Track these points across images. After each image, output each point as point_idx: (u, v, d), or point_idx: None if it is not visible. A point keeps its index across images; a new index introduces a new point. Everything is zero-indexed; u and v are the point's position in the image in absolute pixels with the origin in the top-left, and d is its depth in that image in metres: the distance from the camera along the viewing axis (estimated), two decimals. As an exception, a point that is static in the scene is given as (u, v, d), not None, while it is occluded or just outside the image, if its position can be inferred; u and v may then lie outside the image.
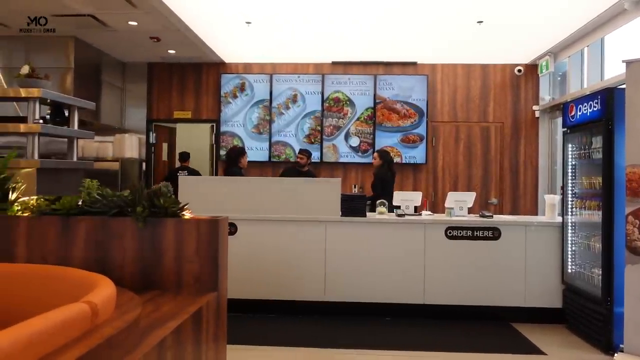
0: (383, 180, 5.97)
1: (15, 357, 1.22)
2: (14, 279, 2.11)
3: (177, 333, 1.82)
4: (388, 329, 4.34)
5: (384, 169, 6.07)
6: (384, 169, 6.07)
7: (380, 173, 6.06)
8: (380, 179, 6.01)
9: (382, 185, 5.91)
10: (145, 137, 8.19)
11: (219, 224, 2.37)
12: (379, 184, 5.96)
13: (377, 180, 6.06)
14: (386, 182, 5.96)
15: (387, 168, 6.09)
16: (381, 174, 6.04)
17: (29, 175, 3.95)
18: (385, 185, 5.87)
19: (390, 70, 8.04)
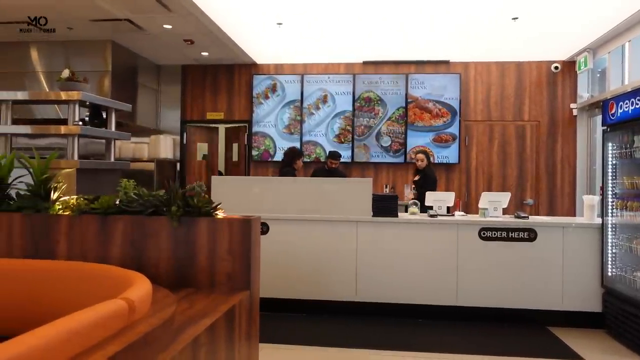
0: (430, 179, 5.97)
1: (57, 350, 1.26)
2: (56, 275, 2.18)
3: (210, 331, 1.85)
4: (420, 330, 4.30)
5: (431, 168, 6.12)
6: (430, 168, 6.11)
7: (431, 172, 6.06)
8: (433, 179, 6.01)
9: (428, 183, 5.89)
10: (180, 137, 8.36)
11: (251, 224, 2.39)
12: (433, 183, 5.95)
13: (430, 180, 5.99)
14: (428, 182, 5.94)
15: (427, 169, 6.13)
16: (432, 173, 6.05)
17: (69, 175, 4.08)
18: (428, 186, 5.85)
19: (422, 69, 7.95)
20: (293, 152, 6.23)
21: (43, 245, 2.45)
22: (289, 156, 6.15)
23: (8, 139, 4.42)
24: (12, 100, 4.48)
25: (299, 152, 6.28)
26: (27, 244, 2.46)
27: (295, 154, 6.15)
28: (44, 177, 2.53)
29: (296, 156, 6.12)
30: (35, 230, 2.46)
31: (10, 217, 2.47)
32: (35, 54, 7.13)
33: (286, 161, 6.13)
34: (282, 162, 6.31)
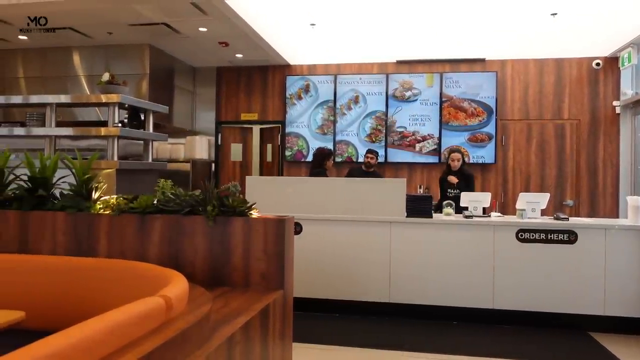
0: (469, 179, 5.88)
1: (99, 345, 1.30)
2: (97, 272, 2.25)
3: (245, 329, 1.87)
4: (455, 333, 4.23)
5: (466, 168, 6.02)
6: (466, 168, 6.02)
7: (469, 172, 5.96)
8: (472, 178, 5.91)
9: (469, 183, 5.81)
10: (215, 138, 8.49)
11: (285, 224, 2.41)
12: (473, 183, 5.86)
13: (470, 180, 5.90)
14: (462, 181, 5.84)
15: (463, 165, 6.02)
16: (469, 172, 5.95)
17: (109, 175, 4.21)
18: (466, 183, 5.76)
19: (457, 68, 7.83)
20: (322, 153, 6.16)
21: (85, 243, 2.53)
22: (319, 157, 6.09)
23: (52, 141, 4.59)
24: (56, 103, 4.66)
25: (328, 153, 6.18)
26: (70, 241, 2.55)
27: (324, 155, 6.08)
28: (85, 178, 2.61)
29: (326, 157, 6.04)
30: (78, 229, 2.54)
31: (54, 216, 2.57)
32: (77, 58, 7.38)
33: (316, 162, 6.07)
34: (312, 163, 6.26)
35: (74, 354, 1.21)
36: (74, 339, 1.24)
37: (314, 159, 6.23)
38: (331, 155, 6.12)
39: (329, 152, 6.15)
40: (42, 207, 2.63)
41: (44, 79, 7.50)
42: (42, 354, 1.13)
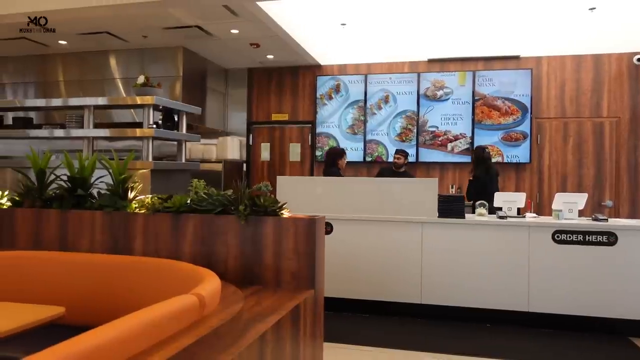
0: (477, 182, 5.77)
1: (135, 341, 1.33)
2: (133, 270, 2.31)
3: (276, 328, 1.88)
4: (489, 335, 4.15)
5: (481, 168, 5.86)
6: (481, 169, 5.86)
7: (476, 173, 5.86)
8: (475, 180, 5.82)
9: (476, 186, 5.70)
10: (246, 139, 8.59)
11: (316, 223, 2.41)
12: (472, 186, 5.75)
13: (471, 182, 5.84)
14: (482, 182, 5.73)
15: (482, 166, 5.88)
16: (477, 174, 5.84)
17: (144, 175, 4.31)
18: (483, 185, 5.64)
19: (490, 66, 7.68)
20: (334, 152, 6.08)
21: (121, 241, 2.60)
22: (331, 157, 5.99)
23: (90, 142, 4.73)
24: (94, 105, 4.80)
25: (340, 151, 6.07)
26: (107, 239, 2.62)
27: (336, 154, 5.99)
28: (122, 178, 2.68)
29: (338, 156, 5.95)
30: (114, 227, 2.61)
31: (92, 215, 2.65)
32: (114, 61, 7.58)
33: (329, 162, 5.99)
34: (325, 163, 6.18)
35: (112, 349, 1.25)
36: (111, 334, 1.27)
37: (326, 159, 6.16)
38: (344, 154, 5.99)
39: (342, 151, 6.06)
40: (80, 206, 2.71)
41: (82, 82, 7.73)
42: (81, 348, 1.16)
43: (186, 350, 1.39)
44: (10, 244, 2.76)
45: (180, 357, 1.35)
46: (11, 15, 5.47)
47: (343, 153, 5.99)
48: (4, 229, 2.78)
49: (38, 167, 2.79)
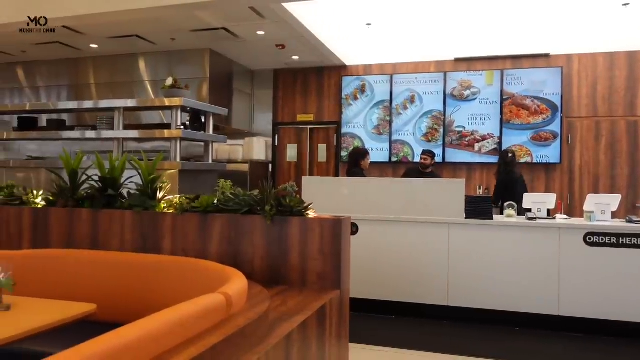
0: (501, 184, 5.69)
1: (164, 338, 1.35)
2: (162, 268, 2.35)
3: (302, 328, 1.89)
4: (518, 339, 4.07)
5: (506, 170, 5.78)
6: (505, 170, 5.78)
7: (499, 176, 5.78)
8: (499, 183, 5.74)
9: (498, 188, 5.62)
10: (272, 139, 8.64)
11: (341, 224, 2.41)
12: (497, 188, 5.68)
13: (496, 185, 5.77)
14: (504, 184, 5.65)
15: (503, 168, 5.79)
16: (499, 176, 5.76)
17: (172, 176, 4.38)
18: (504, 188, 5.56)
19: (519, 64, 7.54)
20: (357, 153, 6.05)
21: (150, 240, 2.65)
22: (353, 157, 5.95)
23: (120, 143, 4.83)
24: (124, 107, 4.90)
25: (363, 152, 6.02)
26: (137, 239, 2.67)
27: (359, 154, 5.95)
28: (151, 178, 2.73)
29: (360, 156, 5.91)
30: (144, 227, 2.66)
31: (122, 214, 2.70)
32: (143, 64, 7.73)
33: (352, 162, 5.94)
34: (348, 163, 6.15)
35: (142, 346, 1.27)
36: (141, 332, 1.30)
37: (349, 159, 6.14)
38: (367, 154, 5.94)
39: (364, 152, 6.02)
40: (111, 206, 2.77)
41: (112, 84, 7.91)
42: (112, 345, 1.19)
43: (213, 349, 1.40)
44: (45, 242, 2.84)
45: (207, 355, 1.37)
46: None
47: (366, 153, 5.97)
48: (39, 227, 2.87)
49: (70, 167, 2.87)
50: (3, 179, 5.08)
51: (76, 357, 1.09)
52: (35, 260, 2.51)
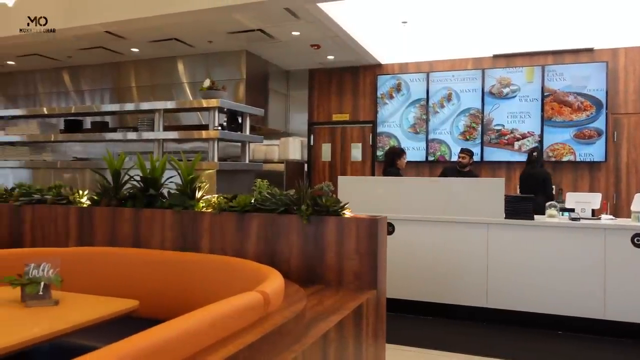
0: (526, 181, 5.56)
1: (204, 335, 1.38)
2: (201, 266, 2.40)
3: (339, 327, 1.88)
4: (559, 343, 3.94)
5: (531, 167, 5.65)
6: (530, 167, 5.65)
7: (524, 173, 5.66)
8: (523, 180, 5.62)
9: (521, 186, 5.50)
10: (307, 139, 8.68)
11: (378, 223, 2.40)
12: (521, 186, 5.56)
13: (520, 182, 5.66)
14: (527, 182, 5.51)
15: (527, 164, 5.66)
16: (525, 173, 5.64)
17: (210, 175, 4.46)
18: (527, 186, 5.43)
19: (560, 59, 7.31)
20: (393, 152, 5.99)
21: (189, 239, 2.70)
22: (389, 156, 5.91)
23: (160, 144, 4.95)
24: (163, 109, 5.02)
25: (399, 151, 5.96)
26: (177, 237, 2.73)
27: (395, 154, 5.89)
28: (190, 178, 2.79)
29: (396, 156, 5.84)
30: (183, 226, 2.72)
31: (163, 214, 2.77)
32: (181, 66, 7.91)
33: (388, 162, 5.89)
34: (385, 163, 6.10)
35: (182, 342, 1.30)
36: (181, 329, 1.32)
37: (385, 158, 6.09)
38: (403, 153, 5.89)
39: (400, 151, 5.96)
40: (152, 205, 2.85)
41: (152, 87, 8.13)
42: (154, 340, 1.22)
43: (251, 347, 1.42)
44: (90, 240, 2.95)
45: (245, 352, 1.39)
46: (89, 26, 5.84)
47: (402, 153, 5.91)
48: (84, 226, 2.98)
49: (114, 168, 2.96)
50: (51, 180, 5.30)
51: (120, 351, 1.13)
52: (81, 257, 2.60)
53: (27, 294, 1.86)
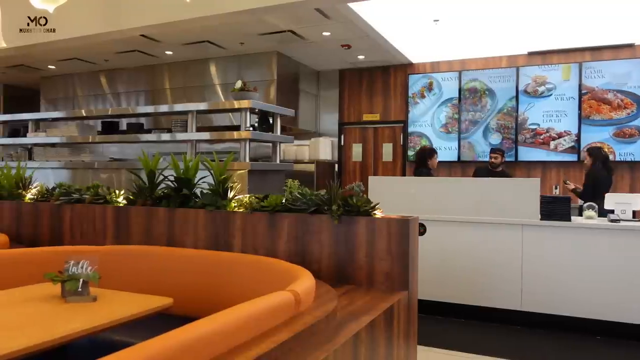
0: (593, 181, 5.32)
1: (236, 333, 1.39)
2: (233, 265, 2.43)
3: (370, 328, 1.88)
4: (598, 348, 3.82)
5: (596, 168, 5.39)
6: (596, 168, 5.40)
7: (591, 173, 5.40)
8: (590, 180, 5.37)
9: (594, 187, 5.25)
10: (337, 140, 8.67)
11: (409, 224, 2.38)
12: (591, 187, 5.30)
13: (586, 182, 5.41)
14: (600, 183, 5.27)
15: (601, 166, 5.39)
16: (595, 173, 5.38)
17: (241, 176, 4.50)
18: (598, 188, 5.20)
19: (599, 56, 7.08)
20: (423, 152, 5.94)
21: (222, 238, 2.74)
22: (420, 156, 5.86)
23: (193, 144, 5.04)
24: (196, 110, 5.11)
25: (429, 151, 5.91)
26: (209, 236, 2.78)
27: (426, 154, 5.82)
28: (222, 178, 2.83)
29: (427, 155, 5.78)
30: (216, 225, 2.76)
31: (196, 213, 2.82)
32: (214, 68, 8.02)
33: (419, 162, 5.85)
34: (416, 163, 6.06)
35: (215, 340, 1.32)
36: (215, 326, 1.34)
37: (416, 158, 6.04)
38: (434, 153, 5.83)
39: (432, 151, 5.89)
40: (185, 204, 2.90)
41: (185, 89, 8.27)
42: (189, 337, 1.24)
43: (282, 346, 1.43)
44: (126, 238, 3.02)
45: (276, 351, 1.40)
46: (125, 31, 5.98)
47: (433, 152, 5.85)
48: (120, 224, 3.06)
49: (149, 168, 3.03)
50: (89, 180, 5.46)
51: (156, 348, 1.15)
52: (117, 255, 2.67)
53: (67, 290, 1.92)
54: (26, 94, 10.22)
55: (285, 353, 1.44)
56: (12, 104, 10.15)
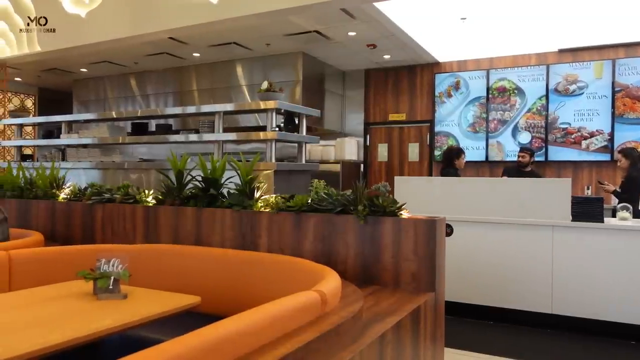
0: (634, 183, 5.15)
1: (263, 332, 1.41)
2: (259, 265, 2.45)
3: (396, 329, 1.87)
4: (633, 354, 3.71)
5: (635, 169, 5.23)
6: (634, 169, 5.23)
7: (631, 174, 5.24)
8: (630, 181, 5.20)
9: (630, 188, 5.09)
10: (363, 140, 8.65)
11: (436, 225, 2.35)
12: (628, 188, 5.15)
13: (626, 184, 5.24)
14: (637, 183, 5.11)
15: (638, 168, 5.23)
16: (632, 175, 5.22)
17: (267, 176, 4.54)
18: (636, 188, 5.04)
19: (633, 52, 6.87)
20: (450, 152, 5.90)
21: (248, 237, 2.77)
22: (447, 156, 5.84)
23: (220, 145, 5.10)
24: (223, 111, 5.17)
25: (456, 150, 5.87)
26: (236, 236, 2.80)
27: (453, 154, 5.78)
28: (248, 178, 2.85)
29: (454, 155, 5.73)
30: (242, 225, 2.79)
31: (223, 213, 2.85)
32: (240, 69, 8.10)
33: (446, 162, 5.82)
34: (442, 163, 6.03)
35: (242, 338, 1.33)
36: (242, 325, 1.36)
37: (443, 158, 6.02)
38: (461, 153, 5.78)
39: (459, 150, 5.84)
40: (212, 204, 2.94)
41: (212, 90, 8.38)
42: (217, 335, 1.26)
43: (308, 345, 1.43)
44: (155, 237, 3.08)
45: (302, 351, 1.40)
46: (154, 33, 6.10)
47: (460, 152, 5.79)
48: (150, 224, 3.12)
49: (177, 169, 3.08)
50: (119, 180, 5.59)
51: (185, 345, 1.17)
52: (147, 254, 2.73)
53: (98, 288, 1.97)
54: (59, 96, 10.52)
55: (310, 353, 1.44)
56: (46, 106, 10.47)
